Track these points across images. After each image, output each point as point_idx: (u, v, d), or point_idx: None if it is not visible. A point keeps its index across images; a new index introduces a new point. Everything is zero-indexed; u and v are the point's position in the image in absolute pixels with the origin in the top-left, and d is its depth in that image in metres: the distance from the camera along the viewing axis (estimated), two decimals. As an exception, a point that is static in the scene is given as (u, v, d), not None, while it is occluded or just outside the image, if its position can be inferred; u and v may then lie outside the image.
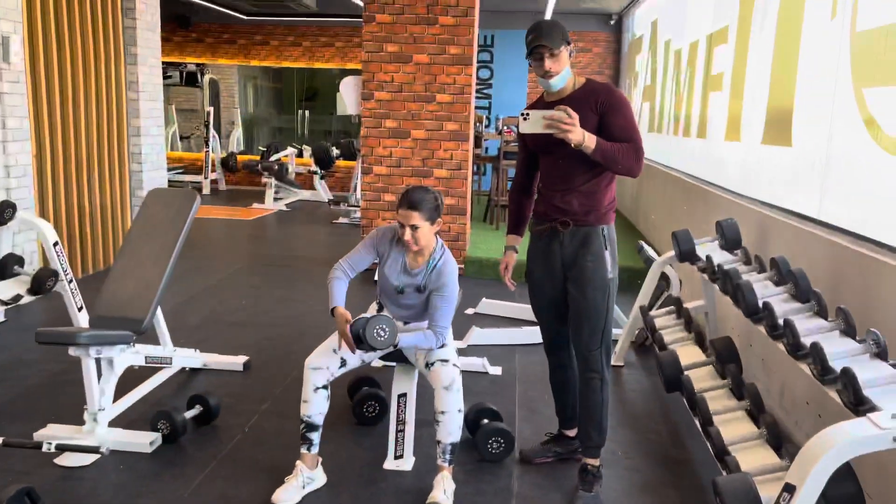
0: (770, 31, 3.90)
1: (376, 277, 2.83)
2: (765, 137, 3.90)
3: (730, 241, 3.40)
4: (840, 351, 2.16)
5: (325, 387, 2.62)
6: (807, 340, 2.27)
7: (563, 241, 2.62)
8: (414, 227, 2.59)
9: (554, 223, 2.62)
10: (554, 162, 2.60)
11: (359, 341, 2.49)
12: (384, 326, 2.46)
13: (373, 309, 2.91)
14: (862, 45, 2.82)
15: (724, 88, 4.80)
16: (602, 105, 2.49)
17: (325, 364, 2.63)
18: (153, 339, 3.54)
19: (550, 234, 2.65)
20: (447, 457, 2.61)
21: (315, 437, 2.63)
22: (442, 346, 2.67)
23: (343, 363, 2.68)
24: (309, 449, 2.63)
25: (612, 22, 10.36)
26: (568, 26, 2.56)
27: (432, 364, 2.64)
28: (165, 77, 9.97)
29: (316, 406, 2.61)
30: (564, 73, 2.52)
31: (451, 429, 2.59)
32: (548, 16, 9.32)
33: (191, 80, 11.60)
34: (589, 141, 2.39)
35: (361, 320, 2.49)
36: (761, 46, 4.05)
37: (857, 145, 2.80)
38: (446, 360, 2.63)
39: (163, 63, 6.72)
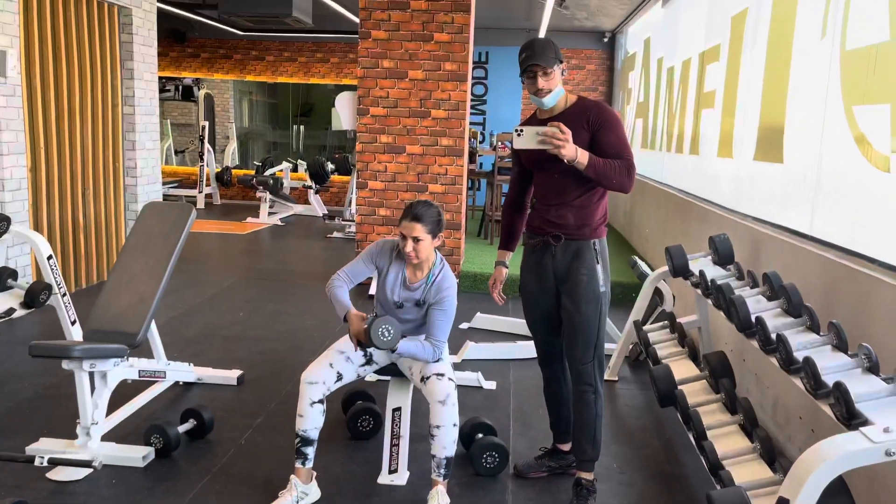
0: (761, 50, 3.95)
1: (372, 291, 2.84)
2: (757, 154, 3.94)
3: (723, 256, 3.42)
4: (832, 365, 2.17)
5: (320, 401, 2.62)
6: (799, 355, 2.28)
7: (555, 254, 2.64)
8: (416, 240, 2.61)
9: (546, 237, 2.65)
10: (548, 177, 2.63)
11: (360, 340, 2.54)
12: (389, 328, 2.48)
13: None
14: (852, 64, 2.86)
15: (716, 106, 4.85)
16: (594, 122, 2.53)
17: (322, 378, 2.63)
18: (147, 353, 3.53)
19: (543, 248, 2.67)
20: (442, 471, 2.60)
21: (310, 451, 2.62)
22: (437, 361, 2.67)
23: (339, 377, 2.68)
24: (304, 463, 2.63)
25: (606, 39, 10.46)
26: (561, 44, 2.61)
27: (428, 378, 2.64)
28: (161, 91, 10.00)
29: (311, 420, 2.60)
30: (557, 91, 2.55)
31: (445, 443, 2.59)
32: (542, 33, 9.38)
33: (186, 94, 11.65)
34: (581, 157, 2.42)
35: (369, 317, 2.52)
36: (753, 65, 4.10)
37: (848, 162, 2.83)
38: (442, 375, 2.64)
39: (159, 77, 6.74)
